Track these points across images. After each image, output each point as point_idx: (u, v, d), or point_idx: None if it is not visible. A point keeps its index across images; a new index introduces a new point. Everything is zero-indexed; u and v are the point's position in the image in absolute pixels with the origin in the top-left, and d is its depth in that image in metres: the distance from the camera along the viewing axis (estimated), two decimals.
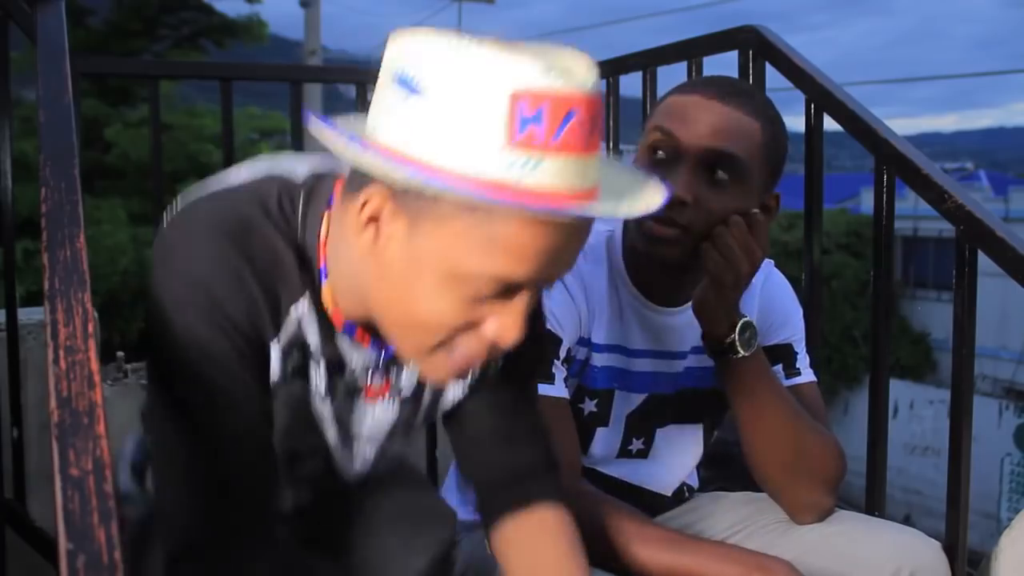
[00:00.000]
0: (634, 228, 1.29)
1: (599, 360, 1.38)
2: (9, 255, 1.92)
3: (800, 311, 1.50)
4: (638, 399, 1.42)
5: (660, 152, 1.27)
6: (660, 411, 1.44)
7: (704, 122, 1.25)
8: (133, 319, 8.75)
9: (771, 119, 1.29)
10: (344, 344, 0.97)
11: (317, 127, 0.82)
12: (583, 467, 1.39)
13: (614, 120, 2.27)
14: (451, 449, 1.17)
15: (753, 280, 1.34)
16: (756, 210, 1.28)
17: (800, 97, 1.77)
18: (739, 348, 1.28)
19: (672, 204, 1.21)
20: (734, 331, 1.28)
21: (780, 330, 1.43)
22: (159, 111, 2.28)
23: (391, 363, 1.02)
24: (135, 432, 1.13)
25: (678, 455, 1.48)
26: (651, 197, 0.85)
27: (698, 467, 1.55)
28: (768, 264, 1.47)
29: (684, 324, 1.41)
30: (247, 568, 0.91)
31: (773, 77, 1.86)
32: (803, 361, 1.45)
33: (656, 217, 1.19)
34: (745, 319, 1.29)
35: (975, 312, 1.47)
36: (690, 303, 1.40)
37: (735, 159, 1.24)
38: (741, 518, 1.47)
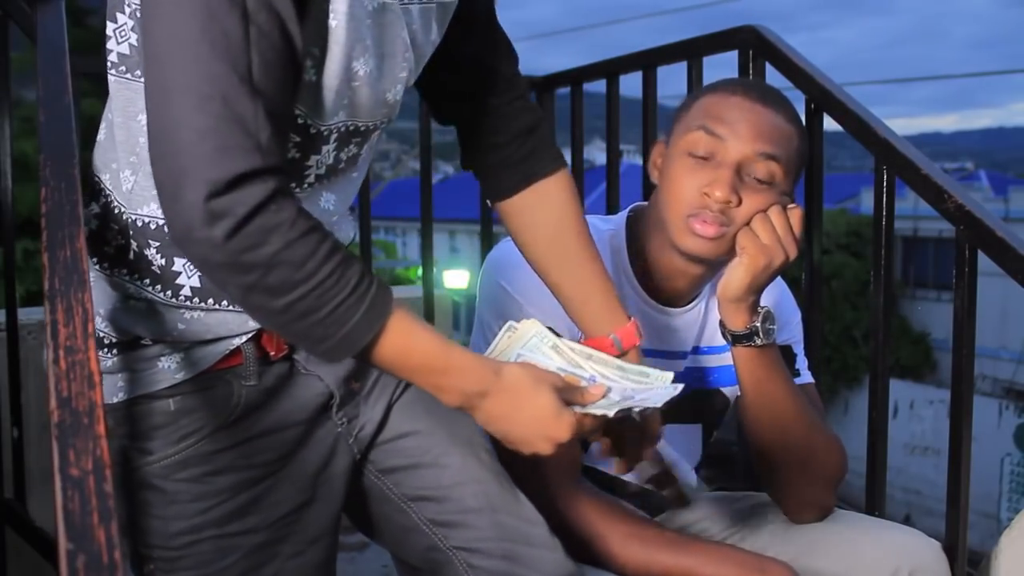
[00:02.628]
0: (677, 225, 1.29)
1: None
2: (9, 255, 1.92)
3: (799, 314, 1.50)
4: None
5: (702, 151, 1.28)
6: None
7: (750, 123, 1.27)
8: None
9: (802, 125, 1.33)
10: None
11: None
12: (583, 465, 1.39)
13: (614, 120, 2.27)
14: None
15: None
16: (793, 204, 1.30)
17: (800, 97, 1.77)
18: (760, 335, 1.29)
19: (721, 204, 1.25)
20: (757, 318, 1.29)
21: (780, 332, 1.43)
22: None
23: None
24: None
25: (682, 454, 1.48)
26: None
27: (698, 467, 1.55)
28: None
29: (687, 324, 1.42)
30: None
31: (773, 77, 1.86)
32: (802, 363, 1.46)
33: (704, 216, 1.25)
34: (767, 308, 1.30)
35: (975, 312, 1.47)
36: (694, 304, 1.41)
37: (776, 162, 1.27)
38: (741, 518, 1.47)
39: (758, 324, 1.28)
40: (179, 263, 1.02)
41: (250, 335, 1.06)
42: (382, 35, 0.99)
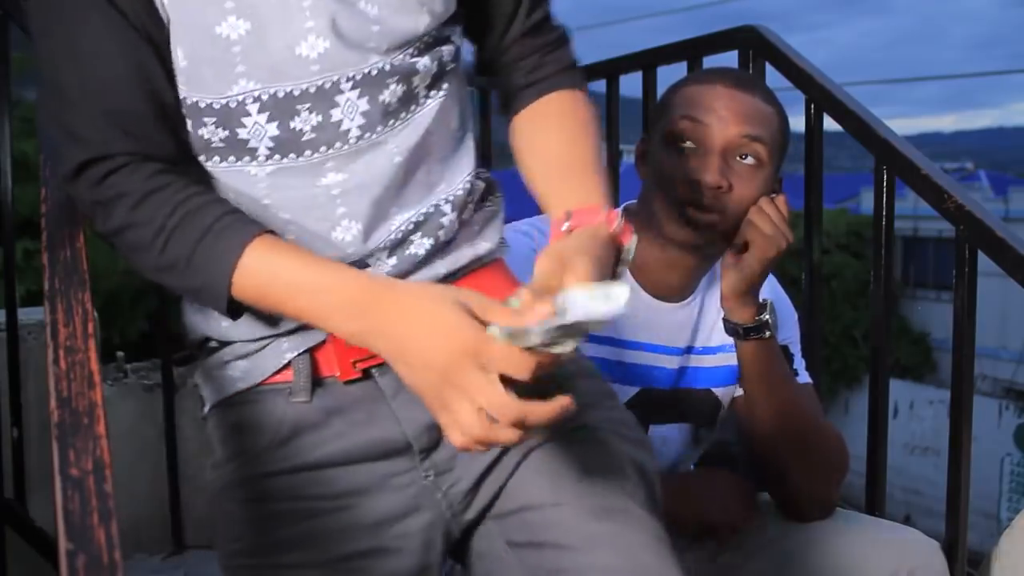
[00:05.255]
0: (670, 215, 1.31)
1: (587, 351, 1.37)
2: (9, 255, 1.92)
3: (795, 315, 1.51)
4: (630, 391, 1.41)
5: (688, 141, 1.31)
6: (653, 406, 1.43)
7: (732, 110, 1.30)
8: (133, 319, 8.74)
9: (780, 106, 1.35)
10: None
11: None
12: None
13: (614, 120, 2.27)
14: None
15: None
16: (778, 194, 1.32)
17: (800, 97, 1.77)
18: (769, 328, 1.31)
19: (712, 190, 1.27)
20: (765, 311, 1.31)
21: (778, 332, 1.43)
22: None
23: None
24: None
25: (670, 453, 1.48)
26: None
27: (696, 467, 1.55)
28: None
29: (681, 321, 1.42)
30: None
31: (773, 77, 1.86)
32: (800, 364, 1.46)
33: (697, 204, 1.27)
34: (767, 299, 1.32)
35: (975, 312, 1.47)
36: (690, 299, 1.41)
37: (761, 144, 1.30)
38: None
39: (766, 316, 1.31)
40: None
41: (303, 351, 0.96)
42: None
